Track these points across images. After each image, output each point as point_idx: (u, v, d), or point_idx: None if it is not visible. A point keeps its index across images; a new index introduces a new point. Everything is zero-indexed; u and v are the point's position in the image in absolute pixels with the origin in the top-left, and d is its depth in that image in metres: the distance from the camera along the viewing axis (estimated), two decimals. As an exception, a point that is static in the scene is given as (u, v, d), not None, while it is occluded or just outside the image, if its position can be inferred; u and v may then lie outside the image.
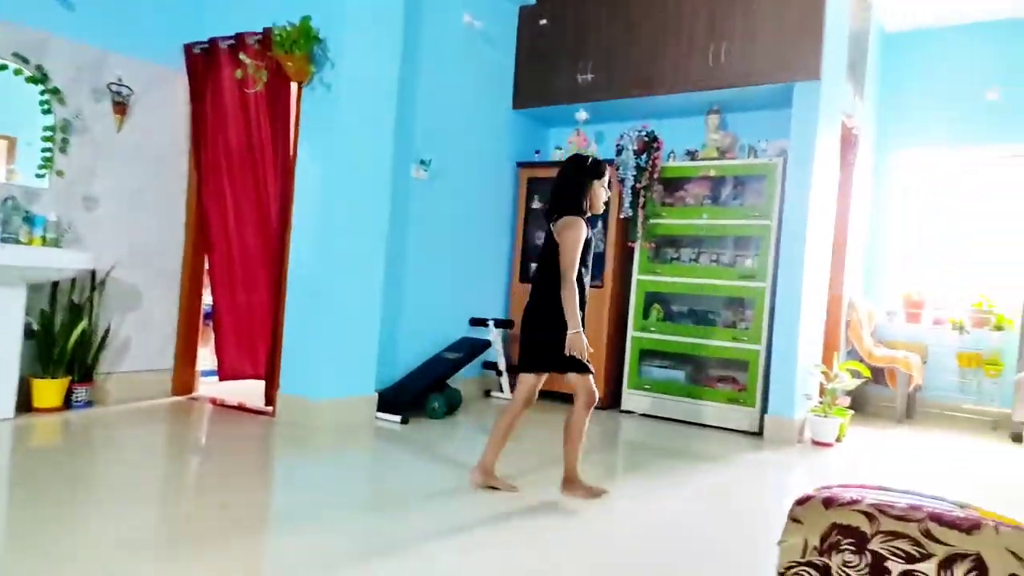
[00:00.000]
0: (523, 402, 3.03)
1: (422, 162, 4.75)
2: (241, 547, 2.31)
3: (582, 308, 2.88)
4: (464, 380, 5.08)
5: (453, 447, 4.01)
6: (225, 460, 3.40)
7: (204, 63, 4.40)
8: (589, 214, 2.95)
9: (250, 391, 4.49)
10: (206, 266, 4.59)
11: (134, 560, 2.12)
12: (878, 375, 5.54)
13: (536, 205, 5.61)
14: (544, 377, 3.06)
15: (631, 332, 5.10)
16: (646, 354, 5.07)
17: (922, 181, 6.12)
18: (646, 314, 5.09)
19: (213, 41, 4.32)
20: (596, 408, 2.96)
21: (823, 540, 0.85)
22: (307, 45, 3.85)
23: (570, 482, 3.02)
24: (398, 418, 4.23)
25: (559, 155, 5.53)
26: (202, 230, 4.51)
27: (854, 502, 0.85)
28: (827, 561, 0.83)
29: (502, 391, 5.31)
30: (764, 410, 4.57)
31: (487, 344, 5.03)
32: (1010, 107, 5.60)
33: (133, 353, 4.34)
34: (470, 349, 4.92)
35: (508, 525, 2.67)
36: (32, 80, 3.79)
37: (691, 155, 5.03)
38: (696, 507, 3.10)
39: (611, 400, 5.15)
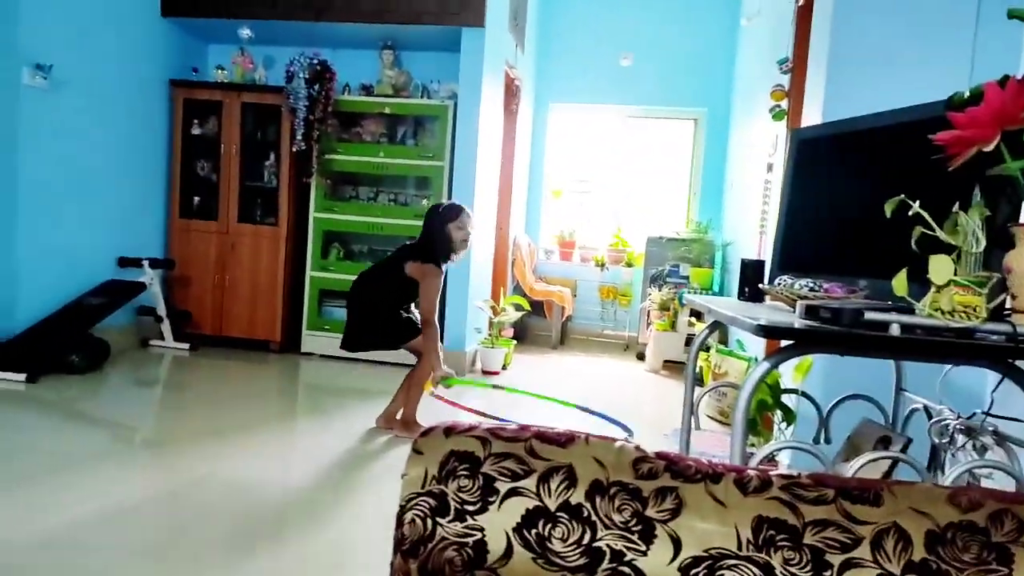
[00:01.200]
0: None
1: (39, 67, 3.88)
2: None
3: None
4: (114, 328, 4.42)
5: (98, 404, 3.52)
6: None
7: None
8: (451, 260, 3.33)
9: None
10: None
11: None
12: (537, 308, 6.17)
13: (197, 131, 5.02)
14: None
15: (309, 272, 4.91)
16: (326, 294, 4.95)
17: (571, 132, 6.85)
18: (325, 253, 4.94)
19: None
20: (271, 352, 2.79)
21: (441, 468, 0.85)
22: None
23: (408, 423, 3.29)
24: (22, 376, 3.55)
25: (223, 76, 4.98)
26: None
27: (472, 428, 0.86)
28: (444, 488, 0.84)
29: (163, 339, 4.75)
30: (438, 344, 4.79)
31: (141, 286, 4.44)
32: (639, 73, 6.49)
33: None
34: (119, 293, 4.30)
35: (168, 487, 2.41)
36: None
37: (367, 90, 4.91)
38: (364, 439, 3.13)
39: (289, 343, 4.94)
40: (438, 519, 0.84)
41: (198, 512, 2.23)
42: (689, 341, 5.24)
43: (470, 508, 0.83)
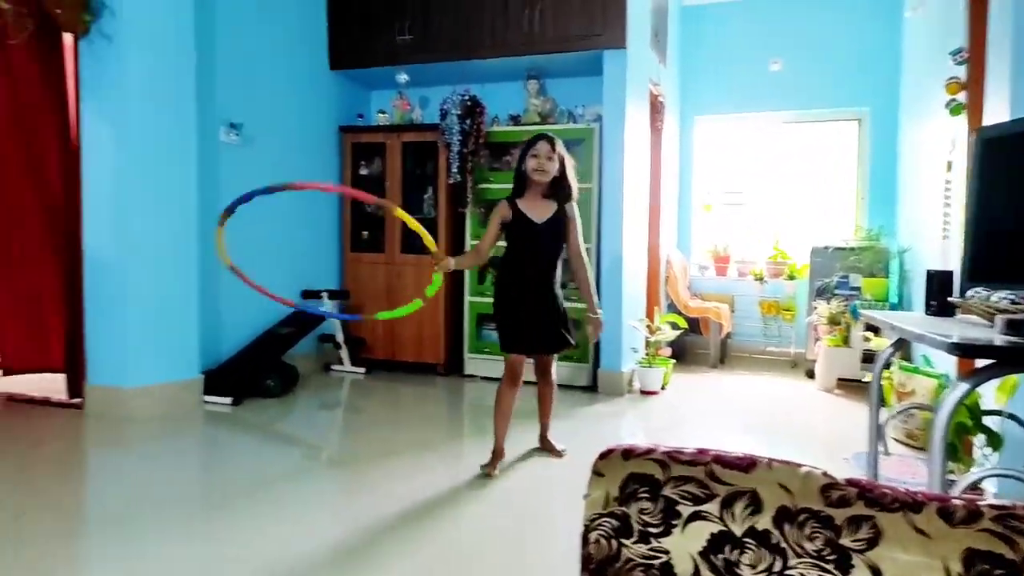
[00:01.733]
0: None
1: (232, 125, 4.41)
2: (39, 560, 2.07)
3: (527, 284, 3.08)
4: (301, 355, 4.87)
5: (292, 425, 3.87)
6: (21, 462, 3.02)
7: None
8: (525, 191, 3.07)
9: (54, 384, 4.02)
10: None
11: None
12: (694, 325, 6.02)
13: (364, 172, 5.44)
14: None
15: (468, 297, 5.14)
16: (483, 318, 5.14)
17: (720, 144, 6.65)
18: (481, 279, 5.14)
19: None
20: (438, 375, 2.97)
21: (622, 490, 0.88)
22: (77, -13, 3.39)
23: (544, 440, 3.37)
24: (229, 399, 4.00)
25: (384, 119, 5.38)
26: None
27: (649, 451, 0.89)
28: (626, 510, 0.86)
29: (342, 364, 5.16)
30: (596, 365, 4.81)
31: (322, 317, 4.86)
32: (791, 77, 6.20)
33: None
34: (304, 323, 4.73)
35: (352, 502, 2.61)
36: None
37: (515, 120, 5.09)
38: (532, 462, 3.20)
39: (452, 366, 5.18)
40: (622, 540, 0.87)
41: (383, 528, 2.39)
42: (867, 358, 4.87)
43: (653, 530, 0.85)
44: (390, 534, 2.32)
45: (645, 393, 4.75)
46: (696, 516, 0.83)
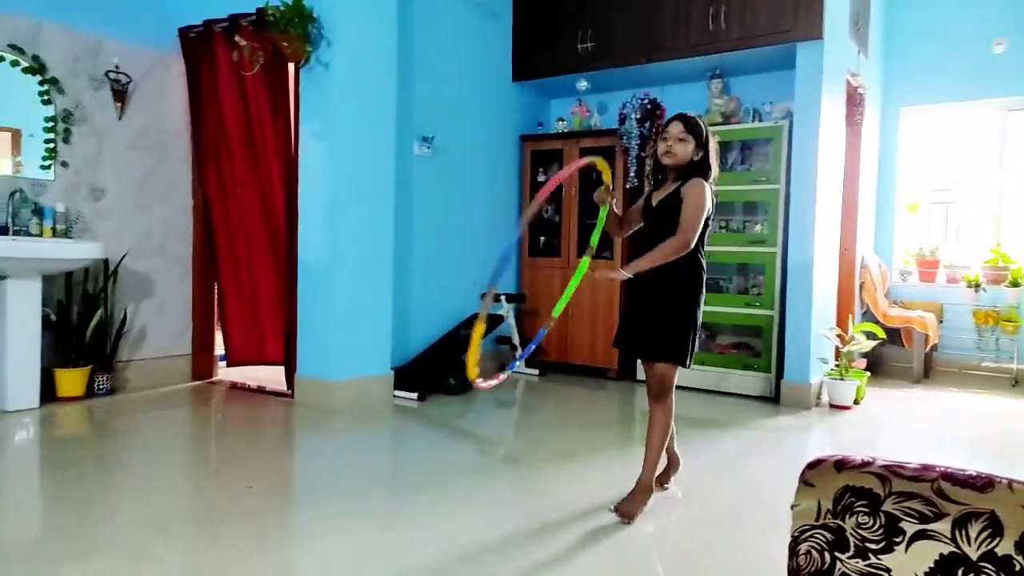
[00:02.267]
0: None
1: (424, 139, 4.72)
2: (267, 527, 2.34)
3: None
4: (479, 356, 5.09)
5: (470, 422, 4.05)
6: (247, 442, 3.45)
7: (200, 47, 4.37)
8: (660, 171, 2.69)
9: (268, 374, 4.54)
10: (217, 252, 4.61)
11: (163, 541, 2.16)
12: (894, 336, 5.50)
13: (542, 179, 5.57)
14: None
15: (642, 302, 5.08)
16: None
17: (928, 137, 6.02)
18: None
19: (207, 24, 4.28)
20: (609, 379, 2.91)
21: (836, 502, 0.85)
22: (301, 24, 3.81)
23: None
24: (415, 395, 4.27)
25: (563, 127, 5.47)
26: (206, 216, 4.53)
27: (866, 464, 0.84)
28: (840, 523, 0.83)
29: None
30: (779, 375, 4.56)
31: (500, 319, 5.04)
32: (1018, 59, 5.47)
33: (151, 340, 4.39)
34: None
35: (526, 500, 2.69)
36: (29, 70, 3.79)
37: (697, 121, 4.96)
38: (712, 474, 3.11)
39: (625, 371, 5.16)
40: (836, 554, 0.83)
41: (555, 525, 2.44)
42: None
43: (872, 546, 0.80)
44: (564, 532, 2.36)
45: (835, 407, 4.42)
46: (922, 535, 0.78)
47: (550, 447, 3.46)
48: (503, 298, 5.18)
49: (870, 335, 4.58)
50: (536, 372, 5.28)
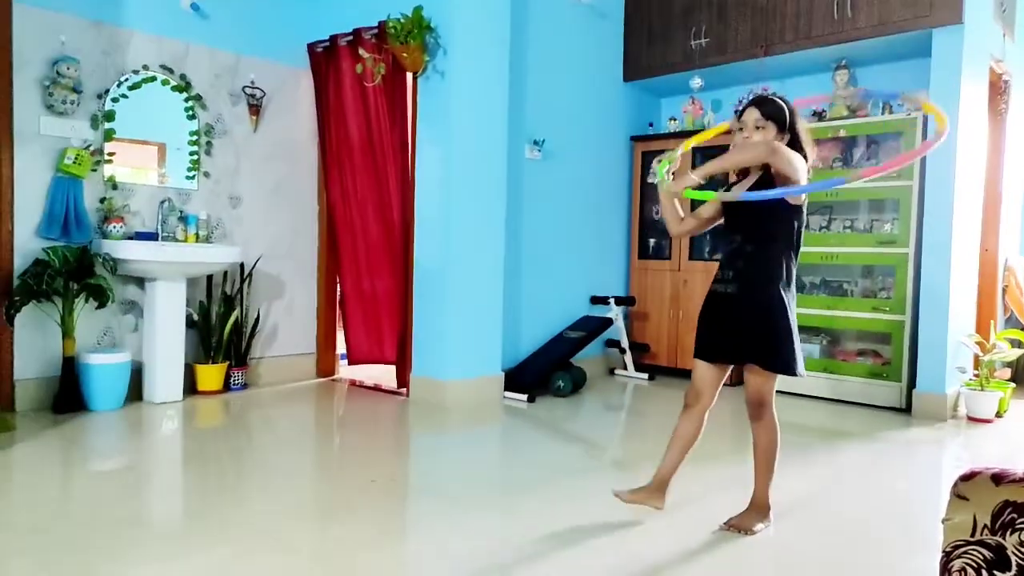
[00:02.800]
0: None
1: (535, 143, 4.76)
2: (390, 518, 2.45)
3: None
4: (588, 359, 5.09)
5: (579, 425, 4.05)
6: (368, 437, 3.62)
7: (326, 60, 4.61)
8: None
9: (385, 373, 4.72)
10: (340, 255, 4.85)
11: (294, 529, 2.30)
12: (1043, 344, 5.03)
13: (652, 180, 5.48)
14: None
15: (758, 306, 4.90)
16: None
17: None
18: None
19: (333, 38, 4.52)
20: (726, 385, 2.80)
21: (995, 518, 0.80)
22: (420, 35, 3.95)
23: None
24: (524, 396, 4.31)
25: (674, 126, 5.38)
26: (330, 221, 4.77)
27: (1029, 479, 0.79)
28: (1000, 540, 0.78)
29: (626, 369, 5.28)
30: (911, 385, 4.27)
31: (609, 322, 5.01)
32: None
33: (280, 339, 4.67)
34: (592, 327, 4.91)
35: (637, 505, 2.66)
36: (177, 88, 4.13)
37: (818, 115, 4.73)
38: (838, 487, 2.96)
39: (737, 378, 4.97)
40: (996, 573, 0.78)
41: (664, 532, 2.39)
42: None
43: (1039, 568, 0.75)
44: (681, 538, 2.31)
45: (973, 420, 4.10)
46: (1099, 558, 0.72)
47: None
48: (612, 300, 5.15)
49: (1015, 343, 4.21)
50: (645, 376, 5.21)
